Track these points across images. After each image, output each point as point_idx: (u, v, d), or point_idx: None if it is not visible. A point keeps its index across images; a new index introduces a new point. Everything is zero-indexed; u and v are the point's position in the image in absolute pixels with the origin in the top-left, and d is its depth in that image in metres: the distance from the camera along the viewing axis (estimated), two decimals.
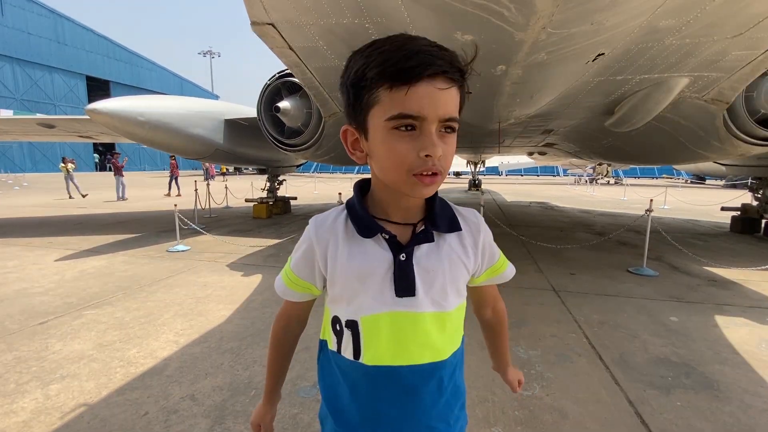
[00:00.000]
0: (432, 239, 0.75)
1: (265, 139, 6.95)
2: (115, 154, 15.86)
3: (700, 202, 13.02)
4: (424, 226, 0.75)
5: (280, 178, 10.79)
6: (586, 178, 28.45)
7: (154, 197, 15.01)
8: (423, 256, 0.74)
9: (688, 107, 4.29)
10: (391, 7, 2.14)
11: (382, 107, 0.63)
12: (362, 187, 0.79)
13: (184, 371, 2.54)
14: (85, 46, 39.37)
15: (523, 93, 3.45)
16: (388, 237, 0.73)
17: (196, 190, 9.25)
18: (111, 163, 15.75)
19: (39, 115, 9.83)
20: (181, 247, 6.03)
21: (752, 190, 8.36)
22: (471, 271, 0.80)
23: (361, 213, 0.75)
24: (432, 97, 0.60)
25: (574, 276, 4.79)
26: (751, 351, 2.89)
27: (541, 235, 7.34)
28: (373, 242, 0.74)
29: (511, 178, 36.56)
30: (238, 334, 3.09)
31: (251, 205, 10.16)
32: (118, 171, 14.20)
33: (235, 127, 8.13)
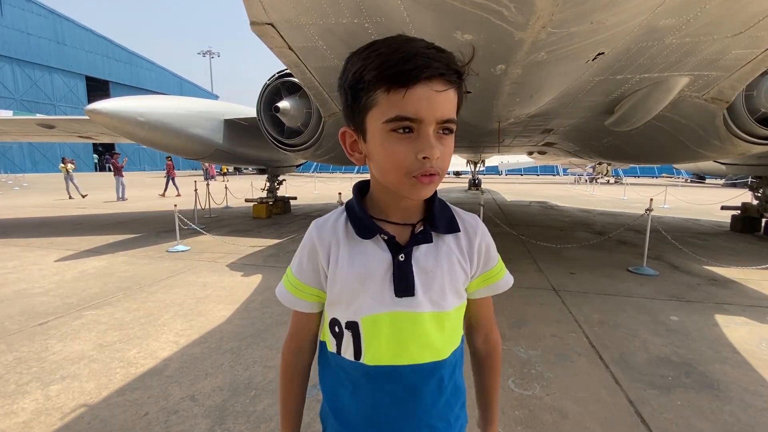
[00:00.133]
0: (430, 240, 0.75)
1: (264, 139, 6.95)
2: (114, 154, 15.84)
3: (700, 201, 13.02)
4: (422, 227, 0.75)
5: (280, 178, 10.78)
6: (586, 178, 28.47)
7: (154, 197, 15.01)
8: (422, 256, 0.74)
9: (688, 106, 4.29)
10: (391, 7, 2.14)
11: (379, 109, 0.63)
12: (361, 189, 0.79)
13: (184, 372, 2.54)
14: (85, 46, 39.34)
15: (523, 92, 3.45)
16: (387, 238, 0.73)
17: (196, 191, 9.25)
18: (111, 164, 15.73)
19: (39, 116, 9.81)
20: (181, 248, 6.03)
21: (752, 189, 8.36)
22: (468, 273, 0.80)
23: (361, 214, 0.75)
24: (429, 100, 0.60)
25: (574, 275, 4.78)
26: (751, 350, 2.89)
27: (541, 235, 7.34)
28: (373, 243, 0.74)
29: (510, 177, 36.57)
30: (238, 335, 3.09)
31: (251, 205, 10.16)
32: (117, 171, 14.20)
33: (234, 127, 8.12)
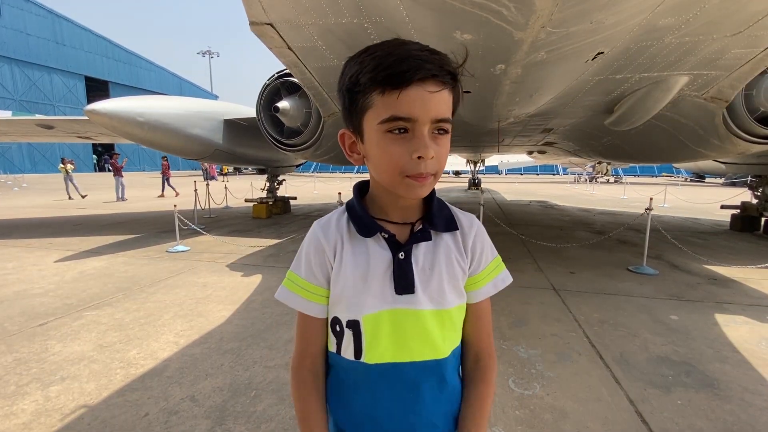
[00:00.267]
0: (429, 238, 0.76)
1: (264, 139, 6.95)
2: (114, 154, 15.79)
3: (700, 201, 13.02)
4: (421, 226, 0.77)
5: (280, 178, 10.78)
6: (586, 177, 28.47)
7: (154, 198, 15.00)
8: (421, 254, 0.75)
9: (687, 105, 4.29)
10: (390, 7, 2.13)
11: (375, 111, 0.65)
12: (361, 189, 0.81)
13: (185, 372, 2.54)
14: (84, 46, 39.30)
15: (523, 92, 3.45)
16: (387, 236, 0.75)
17: (196, 191, 9.24)
18: (110, 164, 15.68)
19: (38, 116, 9.81)
20: (180, 248, 6.03)
21: (752, 188, 8.36)
22: (465, 271, 0.80)
23: (361, 213, 0.76)
24: (423, 100, 0.62)
25: (574, 275, 4.78)
26: (751, 349, 2.90)
27: (540, 234, 7.34)
28: (373, 241, 0.75)
29: (510, 176, 36.58)
30: (239, 335, 3.09)
31: (251, 205, 10.16)
32: (117, 172, 14.19)
33: (234, 127, 8.12)
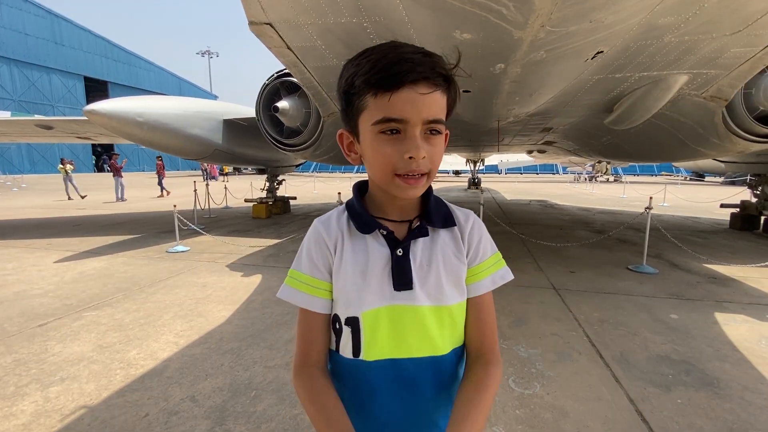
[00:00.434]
0: (426, 233, 0.77)
1: (264, 139, 6.94)
2: (114, 155, 15.79)
3: (700, 199, 13.03)
4: (419, 222, 0.78)
5: (280, 178, 10.77)
6: (586, 176, 28.49)
7: (153, 198, 14.99)
8: (419, 250, 0.76)
9: (687, 104, 4.29)
10: (390, 7, 2.13)
11: (369, 112, 0.66)
12: (360, 188, 0.82)
13: (185, 372, 2.54)
14: (83, 46, 39.24)
15: (523, 91, 3.45)
16: (385, 233, 0.76)
17: (195, 191, 9.24)
18: (109, 165, 15.65)
19: (37, 117, 9.80)
20: (180, 248, 6.02)
21: (751, 187, 8.36)
22: (465, 264, 0.80)
23: (360, 211, 0.78)
24: (414, 102, 0.63)
25: (574, 274, 4.78)
26: (751, 348, 2.90)
27: (540, 234, 7.35)
28: (372, 239, 0.76)
29: (510, 176, 36.58)
30: (239, 335, 3.08)
31: (250, 205, 10.15)
32: (116, 172, 14.18)
33: (233, 127, 8.11)
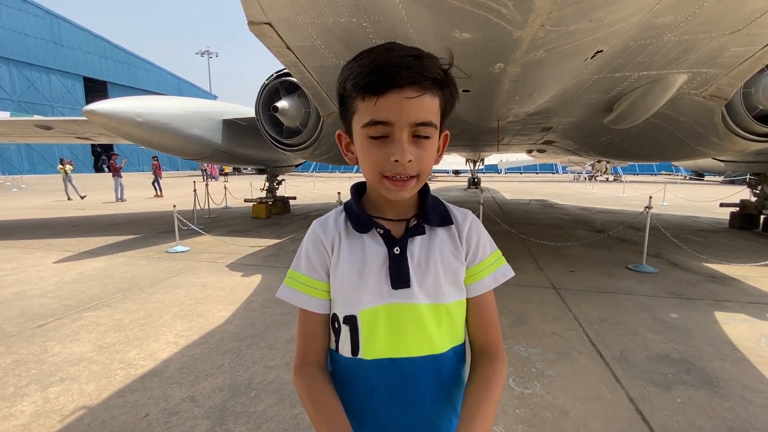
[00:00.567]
0: (423, 231, 0.78)
1: (263, 139, 6.94)
2: (113, 155, 15.78)
3: (699, 199, 13.04)
4: (416, 221, 0.78)
5: (279, 178, 10.76)
6: (585, 176, 28.51)
7: (153, 198, 14.98)
8: (416, 249, 0.77)
9: (686, 104, 4.29)
10: (389, 6, 2.13)
11: (359, 115, 0.68)
12: (358, 189, 0.83)
13: (185, 372, 2.54)
14: (82, 47, 39.19)
15: (522, 91, 3.45)
16: (382, 232, 0.77)
17: (195, 191, 9.23)
18: (109, 165, 15.63)
19: (36, 117, 9.80)
20: (180, 248, 6.02)
21: (750, 186, 8.36)
22: (463, 263, 0.80)
23: (357, 211, 0.79)
24: (400, 106, 0.64)
25: (573, 273, 4.78)
26: (750, 347, 2.90)
27: (540, 233, 7.35)
28: (369, 238, 0.77)
29: (510, 175, 36.60)
30: (238, 335, 3.08)
31: (250, 205, 10.15)
32: (116, 172, 14.16)
33: (233, 127, 8.11)
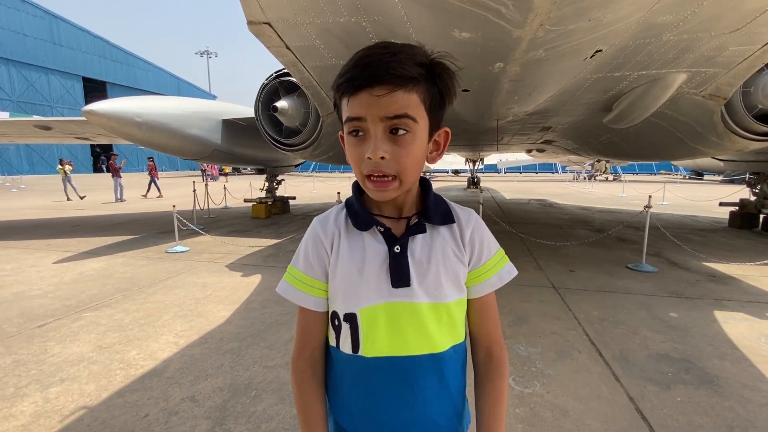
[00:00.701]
0: (424, 230, 0.78)
1: (263, 139, 6.93)
2: (113, 155, 15.78)
3: (699, 198, 13.04)
4: (417, 219, 0.78)
5: (279, 178, 10.76)
6: (585, 175, 28.53)
7: (153, 198, 14.97)
8: (417, 248, 0.76)
9: (686, 103, 4.29)
10: (388, 6, 2.13)
11: (343, 114, 0.70)
12: (360, 187, 0.81)
13: (185, 372, 2.54)
14: (81, 47, 39.18)
15: (522, 90, 3.45)
16: (383, 230, 0.76)
17: (195, 191, 9.23)
18: (108, 165, 15.62)
19: (35, 117, 9.80)
20: (179, 248, 6.01)
21: (750, 185, 8.37)
22: (465, 264, 0.80)
23: (358, 208, 0.78)
24: (370, 103, 0.65)
25: (573, 273, 4.79)
26: (750, 346, 2.90)
27: (540, 233, 7.35)
28: (370, 235, 0.77)
29: (509, 175, 36.61)
30: (238, 335, 3.08)
31: (250, 205, 10.15)
32: (115, 173, 14.16)
33: (232, 127, 8.11)
